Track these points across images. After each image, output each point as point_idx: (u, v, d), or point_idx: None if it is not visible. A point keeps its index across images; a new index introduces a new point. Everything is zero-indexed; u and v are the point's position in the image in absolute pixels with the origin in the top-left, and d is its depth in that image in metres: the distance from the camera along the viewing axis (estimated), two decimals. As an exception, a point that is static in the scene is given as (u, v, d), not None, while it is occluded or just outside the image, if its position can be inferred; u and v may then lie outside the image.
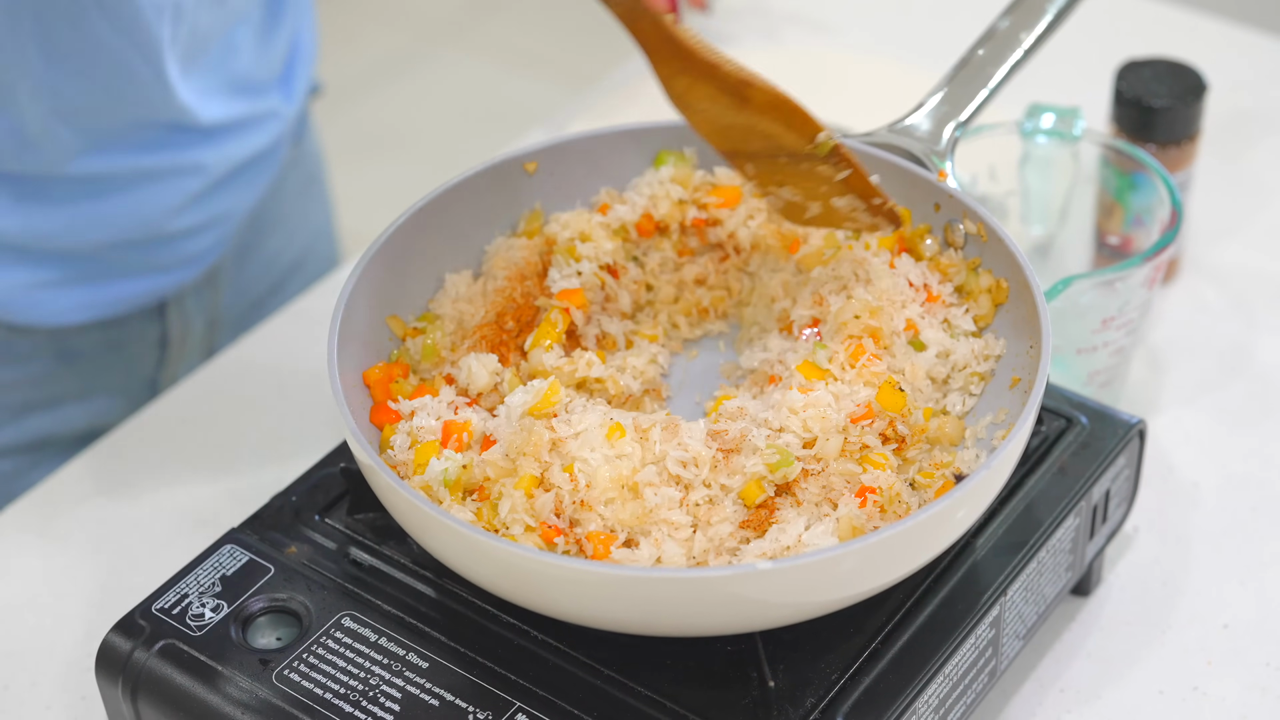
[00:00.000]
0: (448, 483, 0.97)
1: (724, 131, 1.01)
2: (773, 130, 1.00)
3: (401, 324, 1.07)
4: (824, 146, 1.00)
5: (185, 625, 0.98)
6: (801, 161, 1.01)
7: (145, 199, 1.30)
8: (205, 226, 1.36)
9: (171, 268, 1.37)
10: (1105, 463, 1.07)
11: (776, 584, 0.89)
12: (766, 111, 0.99)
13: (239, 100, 1.34)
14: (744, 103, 0.98)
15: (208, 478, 1.26)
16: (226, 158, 1.34)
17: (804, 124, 1.00)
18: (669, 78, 0.98)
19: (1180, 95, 1.31)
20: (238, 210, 1.39)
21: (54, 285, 1.31)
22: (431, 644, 0.97)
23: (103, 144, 1.26)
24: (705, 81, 0.97)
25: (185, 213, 1.33)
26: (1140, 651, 1.12)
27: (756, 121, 0.99)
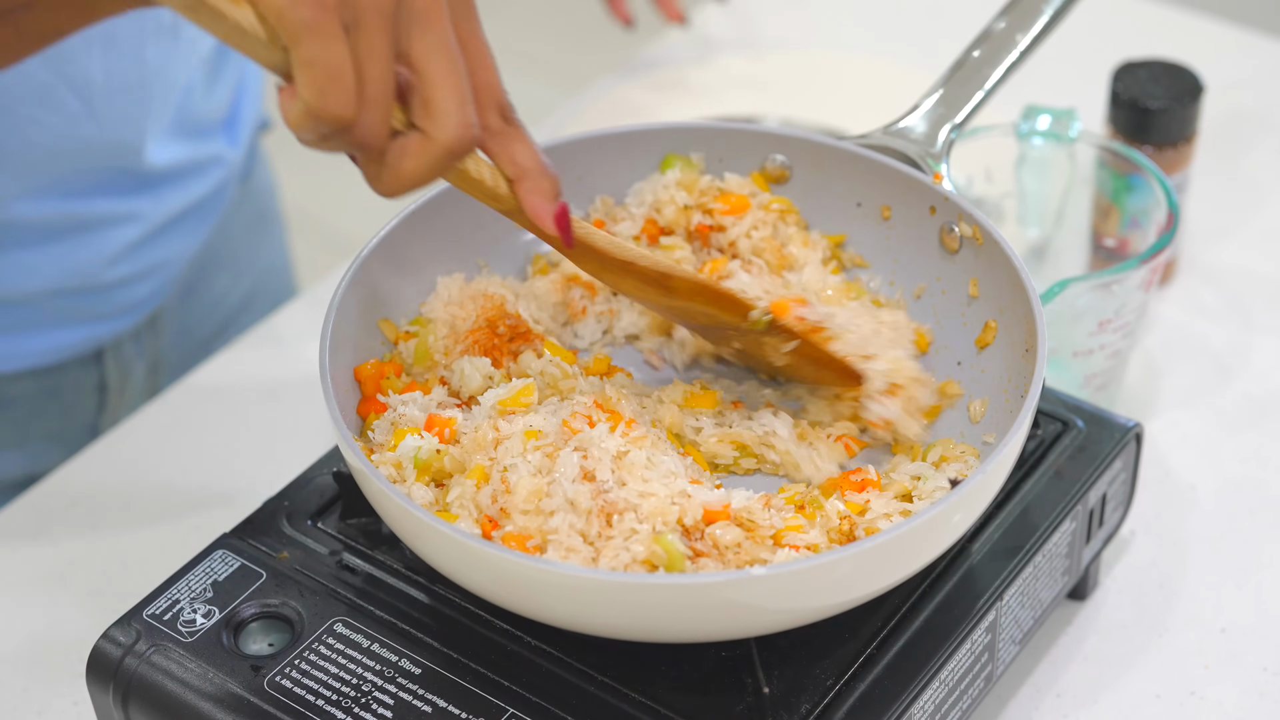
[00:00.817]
0: (418, 462, 0.97)
1: (665, 310, 1.02)
2: (707, 310, 1.01)
3: (394, 327, 1.07)
4: (759, 323, 1.01)
5: (176, 631, 0.98)
6: (746, 334, 1.02)
7: (80, 248, 1.27)
8: (143, 275, 1.33)
9: (109, 316, 1.33)
10: (1102, 466, 1.07)
11: (771, 590, 0.88)
12: (693, 298, 1.00)
13: (186, 143, 1.31)
14: (669, 293, 1.00)
15: (201, 482, 1.25)
16: (167, 206, 1.31)
17: (733, 305, 1.01)
18: (596, 274, 0.99)
19: (1177, 96, 1.31)
20: (178, 258, 1.36)
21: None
22: (424, 650, 0.97)
23: (41, 189, 1.22)
24: (628, 275, 0.99)
25: (122, 262, 1.30)
26: (1137, 655, 1.11)
27: (688, 305, 1.01)
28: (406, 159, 0.86)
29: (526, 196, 0.91)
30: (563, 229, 0.93)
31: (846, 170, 1.11)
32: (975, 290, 1.06)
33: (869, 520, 0.96)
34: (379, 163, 0.86)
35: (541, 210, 0.92)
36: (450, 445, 0.99)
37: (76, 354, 1.33)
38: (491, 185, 0.91)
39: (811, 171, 1.12)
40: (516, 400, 0.99)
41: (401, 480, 0.98)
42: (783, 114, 1.54)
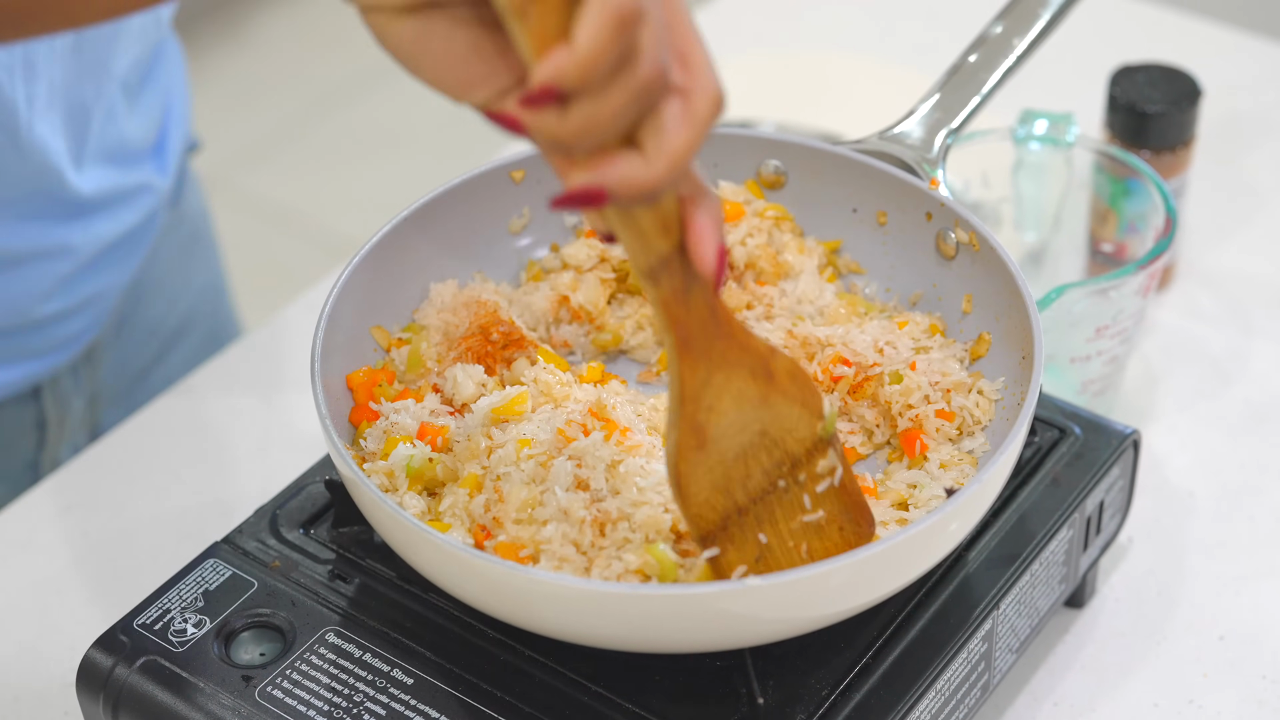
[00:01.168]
0: (410, 470, 0.96)
1: (727, 471, 0.88)
2: (787, 419, 0.89)
3: (386, 334, 1.06)
4: (831, 422, 0.91)
5: (167, 641, 0.97)
6: (801, 470, 0.91)
7: (13, 284, 1.24)
8: (78, 309, 1.30)
9: (44, 353, 1.30)
10: (1099, 473, 1.06)
11: (766, 600, 0.87)
12: (788, 387, 0.89)
13: (114, 170, 1.27)
14: (770, 381, 0.88)
15: (195, 489, 1.24)
16: (97, 237, 1.27)
17: (814, 396, 0.90)
18: (700, 386, 0.86)
19: (1175, 100, 1.30)
20: (112, 289, 1.32)
21: None
22: (417, 660, 0.96)
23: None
24: (739, 369, 0.87)
25: (54, 297, 1.26)
26: (1135, 664, 1.11)
27: (775, 411, 0.89)
28: (670, 129, 0.76)
29: (698, 218, 0.80)
30: (721, 264, 0.82)
31: (842, 176, 1.10)
32: (968, 306, 1.05)
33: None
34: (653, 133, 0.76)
35: (708, 238, 0.81)
36: (443, 454, 0.98)
37: (14, 392, 1.30)
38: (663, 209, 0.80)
39: (807, 177, 1.11)
40: (510, 409, 0.98)
41: (393, 489, 0.97)
42: (779, 118, 1.53)
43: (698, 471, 0.87)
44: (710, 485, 0.88)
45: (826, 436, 0.91)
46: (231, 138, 3.19)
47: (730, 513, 0.89)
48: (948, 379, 1.01)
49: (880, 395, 1.01)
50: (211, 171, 3.12)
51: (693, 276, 0.82)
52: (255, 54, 3.38)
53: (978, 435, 1.01)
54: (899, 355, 1.02)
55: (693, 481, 0.87)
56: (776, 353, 0.89)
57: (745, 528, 0.90)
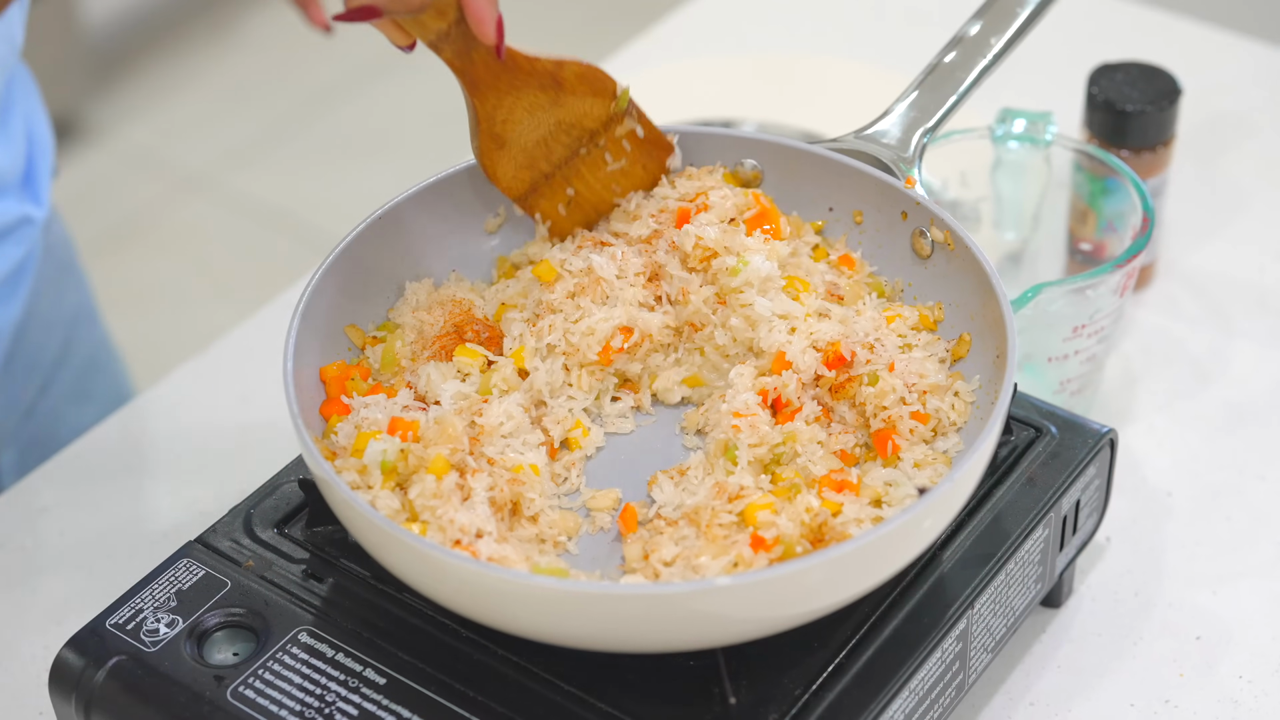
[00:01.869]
0: (385, 466, 0.96)
1: (529, 153, 1.07)
2: (580, 108, 1.06)
3: (360, 333, 1.06)
4: (623, 99, 1.07)
5: (139, 641, 0.97)
6: (600, 137, 1.07)
7: None
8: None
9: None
10: (1075, 473, 1.06)
11: (738, 600, 0.87)
12: (578, 87, 1.05)
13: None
14: (559, 87, 1.04)
15: (169, 489, 1.24)
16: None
17: (606, 84, 1.06)
18: (491, 110, 1.03)
19: (1154, 99, 1.30)
20: (4, 327, 1.31)
21: None
22: (389, 660, 0.96)
23: None
24: (526, 89, 1.03)
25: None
26: (1112, 664, 1.10)
27: (568, 107, 1.05)
28: None
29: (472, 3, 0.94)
30: (500, 33, 0.96)
31: (818, 175, 1.10)
32: (940, 310, 1.05)
33: (840, 523, 0.95)
34: None
35: (485, 17, 0.95)
36: (413, 444, 0.98)
37: None
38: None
39: (783, 175, 1.11)
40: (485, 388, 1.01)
41: (366, 487, 0.97)
42: (760, 117, 1.53)
43: (501, 163, 1.07)
44: (515, 165, 1.07)
45: (620, 111, 1.08)
46: (220, 139, 3.19)
47: (538, 180, 1.08)
48: (924, 381, 1.01)
49: (857, 396, 1.01)
50: (200, 172, 3.12)
51: (473, 40, 0.98)
52: (244, 55, 3.38)
53: (951, 435, 1.01)
54: (884, 355, 1.02)
55: (498, 166, 1.07)
56: (563, 63, 1.04)
57: (554, 186, 1.09)
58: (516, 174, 1.08)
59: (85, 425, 1.38)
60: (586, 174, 1.09)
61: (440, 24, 0.96)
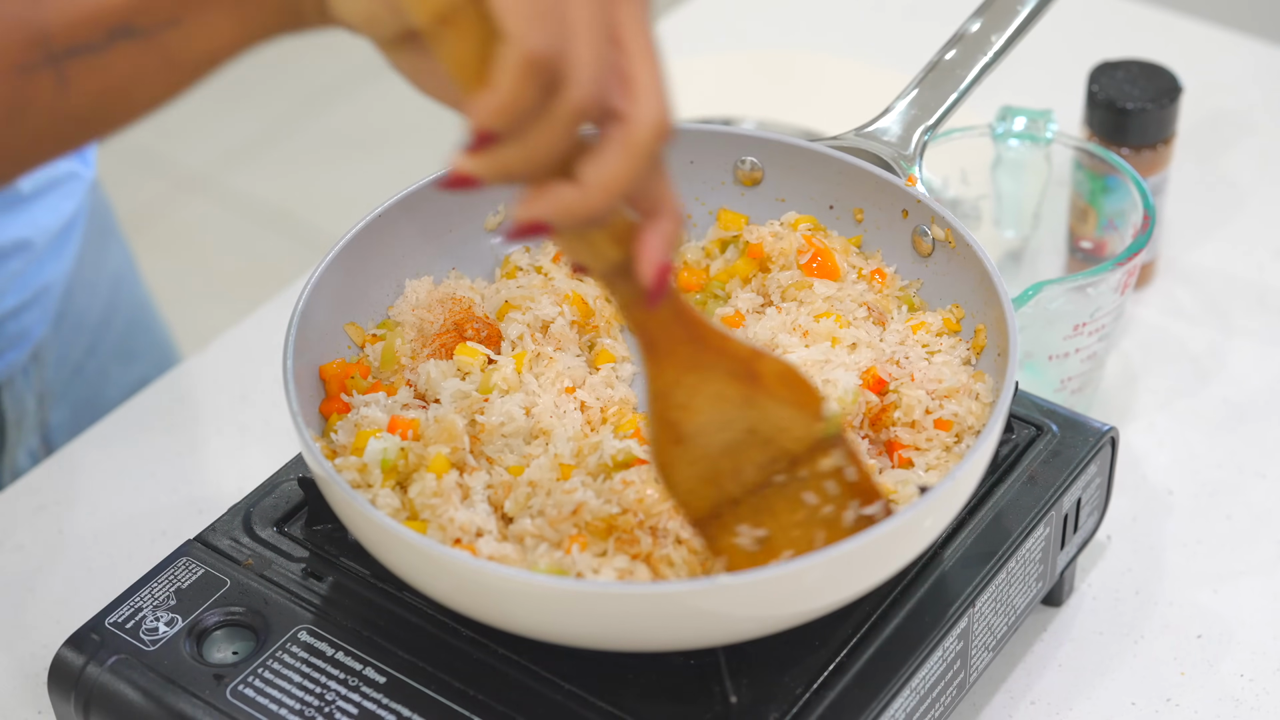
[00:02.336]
0: (385, 464, 0.96)
1: (714, 464, 0.90)
2: (779, 419, 0.89)
3: (360, 331, 1.06)
4: (834, 424, 0.90)
5: (139, 640, 0.97)
6: (801, 467, 0.90)
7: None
8: (30, 303, 1.31)
9: (2, 351, 1.31)
10: (1076, 471, 1.06)
11: (739, 598, 0.87)
12: (776, 389, 0.89)
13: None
14: (754, 382, 0.88)
15: (169, 488, 1.24)
16: (44, 229, 1.28)
17: (810, 398, 0.90)
18: (669, 386, 0.87)
19: (1154, 97, 1.29)
20: (57, 280, 1.34)
21: None
22: (389, 658, 0.95)
23: None
24: (713, 372, 0.87)
25: (9, 293, 1.28)
26: (1112, 662, 1.10)
27: (764, 412, 0.89)
28: (606, 158, 0.76)
29: (646, 235, 0.80)
30: (661, 282, 0.81)
31: (819, 172, 1.10)
32: (960, 312, 1.05)
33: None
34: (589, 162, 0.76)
35: (649, 255, 0.80)
36: (413, 443, 0.98)
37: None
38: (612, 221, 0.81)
39: (783, 174, 1.11)
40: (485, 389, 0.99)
41: (366, 485, 0.97)
42: (760, 115, 1.52)
43: (679, 464, 0.89)
44: (695, 477, 0.90)
45: (827, 437, 0.91)
46: (219, 138, 3.18)
47: (722, 503, 0.91)
48: (942, 385, 1.00)
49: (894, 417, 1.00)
50: (199, 171, 3.12)
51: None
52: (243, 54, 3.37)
53: (969, 439, 1.00)
54: (909, 367, 1.01)
55: (674, 472, 0.90)
56: (763, 356, 0.88)
57: (740, 518, 0.91)
58: (697, 488, 0.90)
59: (132, 384, 1.43)
60: (781, 512, 0.91)
61: (614, 253, 0.81)
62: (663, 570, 0.92)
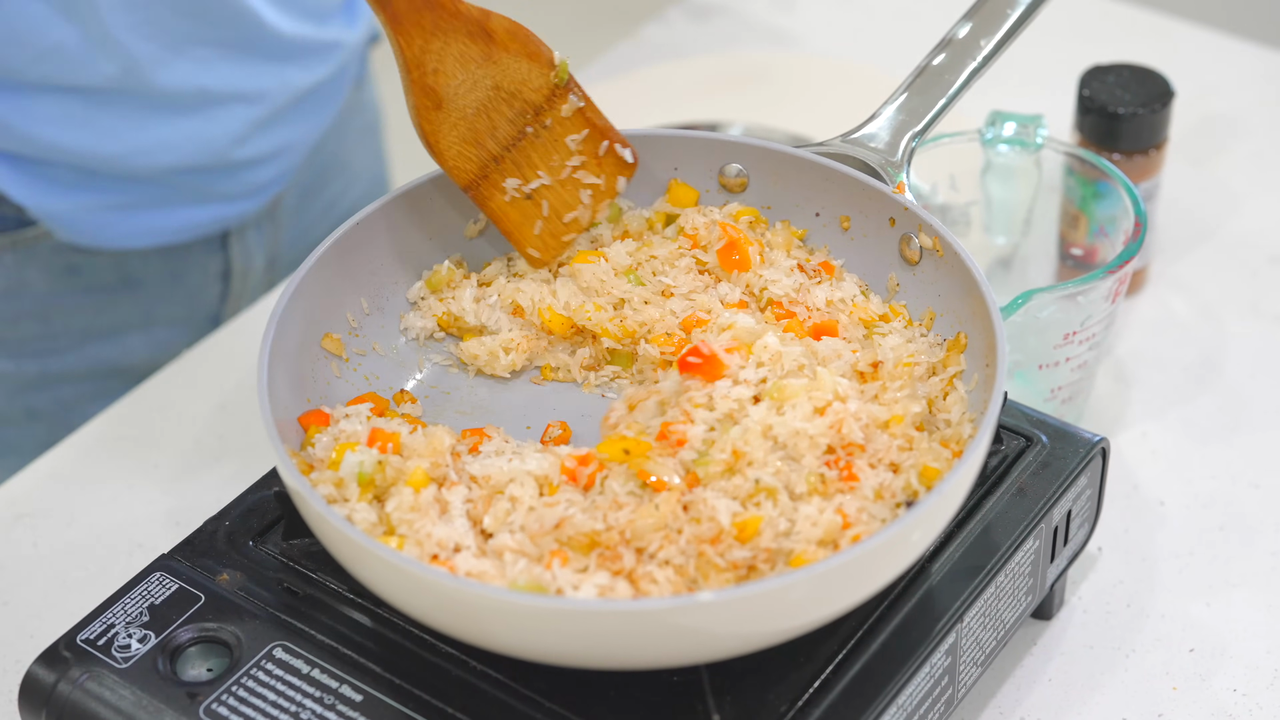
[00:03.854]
0: (361, 478, 0.94)
1: (471, 124, 1.01)
2: (518, 73, 1.01)
3: (338, 343, 1.04)
4: (563, 70, 1.02)
5: (111, 657, 0.95)
6: (544, 115, 1.02)
7: (211, 124, 1.31)
8: (268, 157, 1.37)
9: (235, 197, 1.37)
10: (1066, 482, 1.04)
11: (722, 615, 0.85)
12: (510, 44, 1.00)
13: (306, 21, 1.34)
14: (489, 40, 0.99)
15: (145, 500, 1.22)
16: (289, 85, 1.34)
17: (541, 49, 1.02)
18: (419, 53, 0.98)
19: (1146, 102, 1.28)
20: (300, 143, 1.40)
21: (120, 209, 1.32)
22: (366, 676, 0.94)
23: (170, 51, 1.26)
24: (454, 34, 0.98)
25: (249, 142, 1.34)
26: (1103, 677, 1.09)
27: (503, 67, 1.00)
28: None
29: None
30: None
31: (804, 179, 1.08)
32: (928, 318, 1.03)
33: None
34: None
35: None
36: (391, 456, 0.96)
37: (204, 234, 1.38)
38: None
39: (768, 180, 1.09)
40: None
41: (342, 500, 0.95)
42: (746, 120, 1.51)
43: (442, 129, 1.00)
44: (459, 139, 1.01)
45: (561, 83, 1.03)
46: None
47: (486, 161, 1.02)
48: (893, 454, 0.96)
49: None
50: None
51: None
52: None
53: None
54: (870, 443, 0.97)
55: (440, 138, 1.00)
56: (491, 14, 0.99)
57: (505, 173, 1.03)
58: (461, 149, 1.02)
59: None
60: (541, 163, 1.04)
61: None
62: (645, 588, 0.90)
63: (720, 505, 0.91)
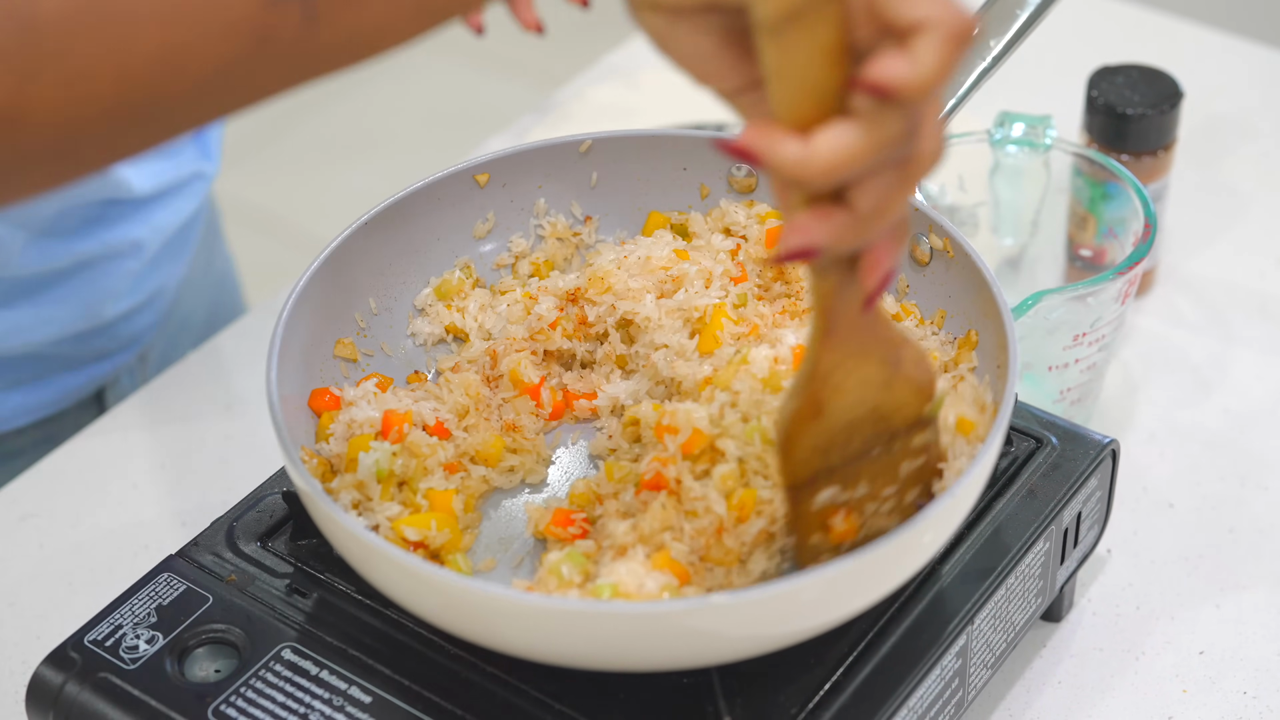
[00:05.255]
0: (380, 475, 0.94)
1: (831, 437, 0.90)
2: (900, 399, 0.90)
3: (352, 347, 1.04)
4: (938, 406, 0.92)
5: (118, 658, 0.94)
6: (896, 442, 0.91)
7: (85, 288, 1.26)
8: (143, 306, 1.33)
9: (112, 353, 1.33)
10: (1076, 484, 1.04)
11: (734, 617, 0.85)
12: (911, 372, 0.90)
13: (164, 163, 1.29)
14: (896, 369, 0.89)
15: (152, 500, 1.22)
16: (160, 231, 1.30)
17: (930, 379, 0.91)
18: (830, 370, 0.87)
19: (1155, 103, 1.28)
20: (171, 282, 1.36)
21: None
22: (375, 677, 0.93)
23: (44, 232, 1.21)
24: (869, 360, 0.88)
25: (125, 295, 1.30)
26: (1113, 679, 1.08)
27: (891, 394, 0.90)
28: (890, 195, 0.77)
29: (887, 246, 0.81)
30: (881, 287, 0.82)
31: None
32: (940, 319, 1.03)
33: None
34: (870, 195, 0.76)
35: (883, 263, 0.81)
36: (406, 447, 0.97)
37: (80, 398, 1.34)
38: None
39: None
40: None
41: (366, 500, 0.95)
42: (754, 120, 1.50)
43: (804, 436, 0.89)
44: (811, 447, 0.90)
45: (930, 419, 0.92)
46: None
47: (821, 470, 0.91)
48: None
49: None
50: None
51: (854, 281, 0.83)
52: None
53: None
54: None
55: (797, 445, 0.90)
56: (908, 342, 0.89)
57: (832, 483, 0.92)
58: (809, 457, 0.90)
59: None
60: (866, 481, 0.91)
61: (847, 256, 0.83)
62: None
63: (710, 495, 0.92)
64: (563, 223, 1.10)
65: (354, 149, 3.14)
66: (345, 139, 3.17)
